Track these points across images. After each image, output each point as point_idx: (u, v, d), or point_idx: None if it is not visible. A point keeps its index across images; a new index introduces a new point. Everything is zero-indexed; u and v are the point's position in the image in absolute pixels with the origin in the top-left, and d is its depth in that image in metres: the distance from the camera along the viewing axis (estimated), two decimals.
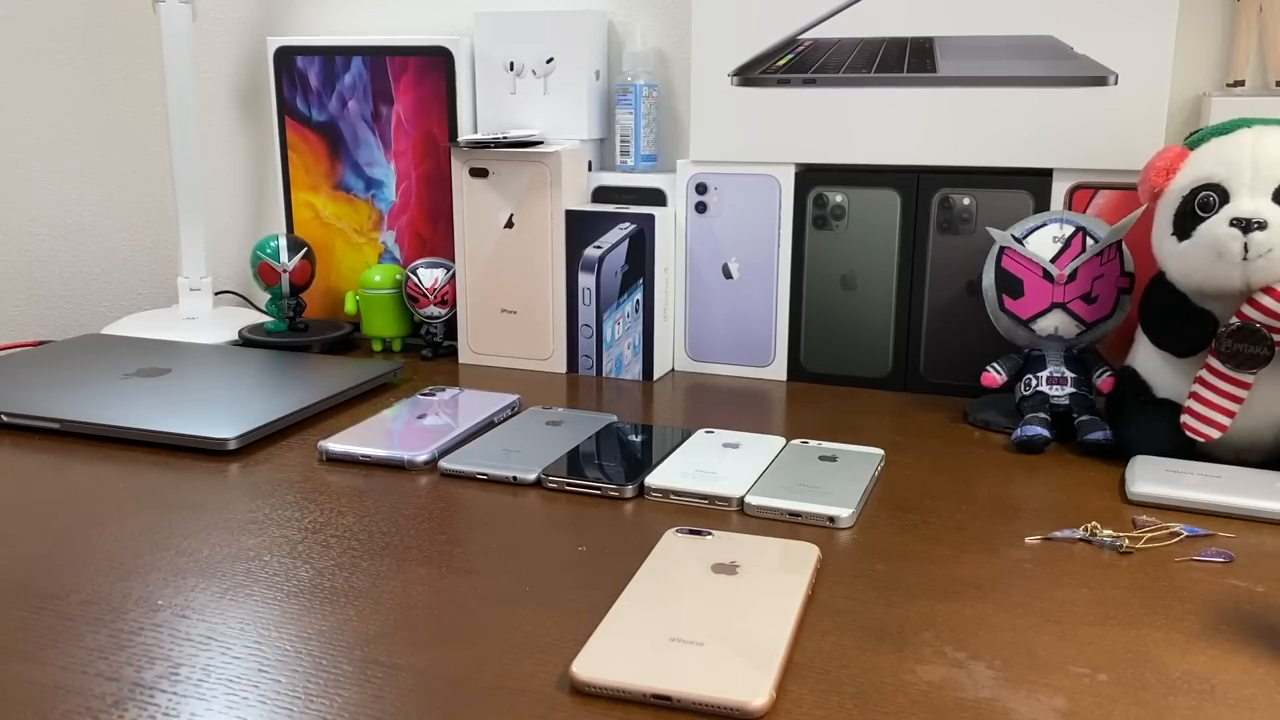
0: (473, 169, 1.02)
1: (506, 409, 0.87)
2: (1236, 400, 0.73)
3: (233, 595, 0.57)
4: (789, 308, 0.99)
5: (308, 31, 1.22)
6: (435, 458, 0.77)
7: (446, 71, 1.09)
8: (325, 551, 0.62)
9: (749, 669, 0.48)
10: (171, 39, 1.11)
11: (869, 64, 0.94)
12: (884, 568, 0.61)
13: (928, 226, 0.94)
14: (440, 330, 1.08)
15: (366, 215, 1.16)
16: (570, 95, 1.06)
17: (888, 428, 0.86)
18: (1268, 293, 0.70)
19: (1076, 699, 0.47)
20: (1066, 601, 0.57)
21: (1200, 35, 0.93)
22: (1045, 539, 0.64)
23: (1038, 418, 0.81)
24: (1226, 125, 0.75)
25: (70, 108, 1.26)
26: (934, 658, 0.51)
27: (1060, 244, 0.83)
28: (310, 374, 0.94)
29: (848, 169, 0.96)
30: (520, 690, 0.48)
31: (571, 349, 1.02)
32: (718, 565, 0.58)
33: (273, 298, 1.10)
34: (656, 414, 0.90)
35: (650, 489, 0.71)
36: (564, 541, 0.64)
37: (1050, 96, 0.90)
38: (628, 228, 0.98)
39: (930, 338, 0.96)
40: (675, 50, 1.08)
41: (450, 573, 0.60)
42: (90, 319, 1.30)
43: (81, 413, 0.83)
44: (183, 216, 1.15)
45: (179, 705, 0.47)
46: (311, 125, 1.15)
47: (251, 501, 0.70)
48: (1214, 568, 0.61)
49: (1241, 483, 0.70)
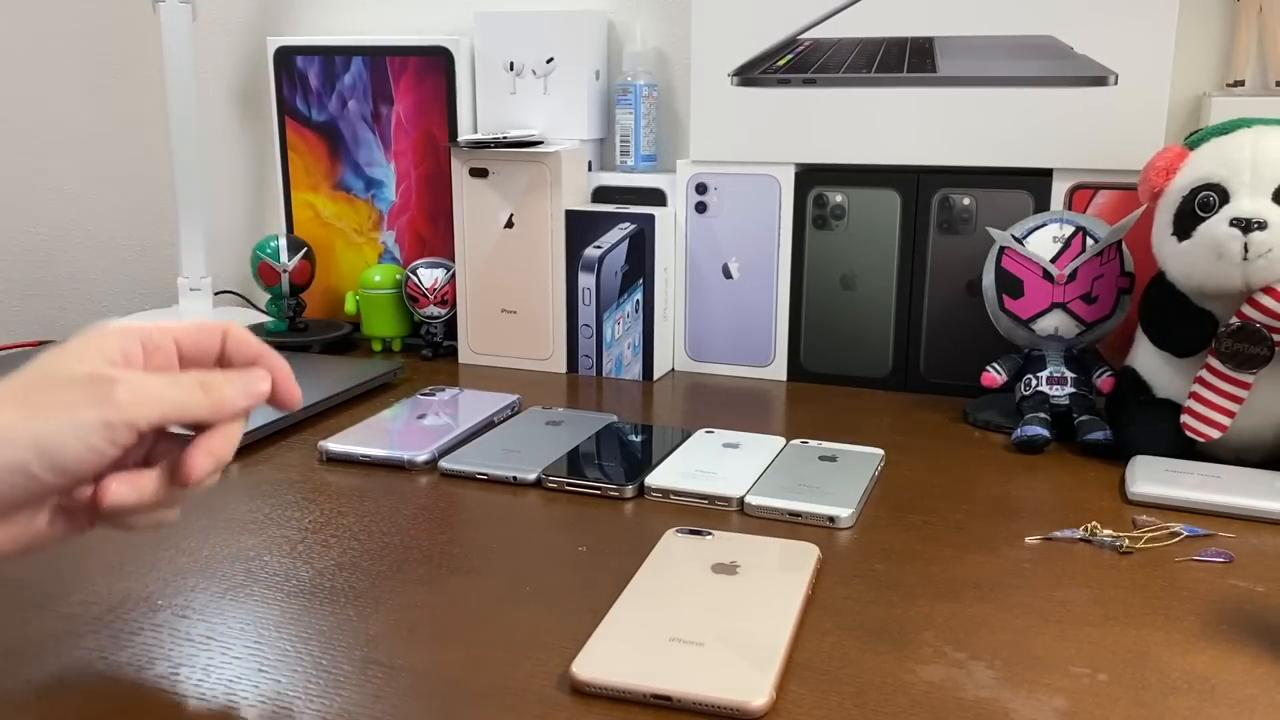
0: (473, 169, 1.02)
1: (506, 409, 0.87)
2: (1236, 400, 0.73)
3: (233, 595, 0.57)
4: (789, 308, 0.99)
5: (308, 31, 1.22)
6: (435, 458, 0.77)
7: (446, 71, 1.09)
8: (325, 551, 0.62)
9: (749, 669, 0.48)
10: (171, 39, 1.11)
11: (869, 64, 0.94)
12: (884, 568, 0.61)
13: (928, 226, 0.94)
14: (440, 330, 1.08)
15: (366, 215, 1.16)
16: (570, 95, 1.06)
17: (888, 428, 0.86)
18: (1268, 293, 0.70)
19: (1076, 699, 0.47)
20: (1066, 601, 0.57)
21: (1200, 35, 0.93)
22: (1045, 539, 0.64)
23: (1038, 418, 0.81)
24: (1226, 125, 0.75)
25: (70, 108, 1.26)
26: (934, 658, 0.51)
27: (1060, 244, 0.82)
28: (310, 374, 0.94)
29: (848, 169, 0.96)
30: (520, 690, 0.48)
31: (571, 349, 1.02)
32: (718, 565, 0.58)
33: (273, 298, 1.10)
34: (656, 414, 0.90)
35: (650, 489, 0.71)
36: (564, 541, 0.64)
37: (1050, 96, 0.90)
38: (628, 228, 0.98)
39: (930, 338, 0.96)
40: (675, 50, 1.08)
41: (450, 573, 0.60)
42: (90, 319, 1.30)
43: None
44: (183, 216, 1.15)
45: (179, 705, 0.47)
46: (311, 125, 1.15)
47: (251, 501, 0.70)
48: (1214, 568, 0.61)
49: (1241, 483, 0.70)
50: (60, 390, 0.45)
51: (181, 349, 0.51)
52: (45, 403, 0.45)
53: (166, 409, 0.47)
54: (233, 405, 0.49)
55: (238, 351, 0.51)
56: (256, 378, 0.51)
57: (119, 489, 0.47)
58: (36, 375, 0.46)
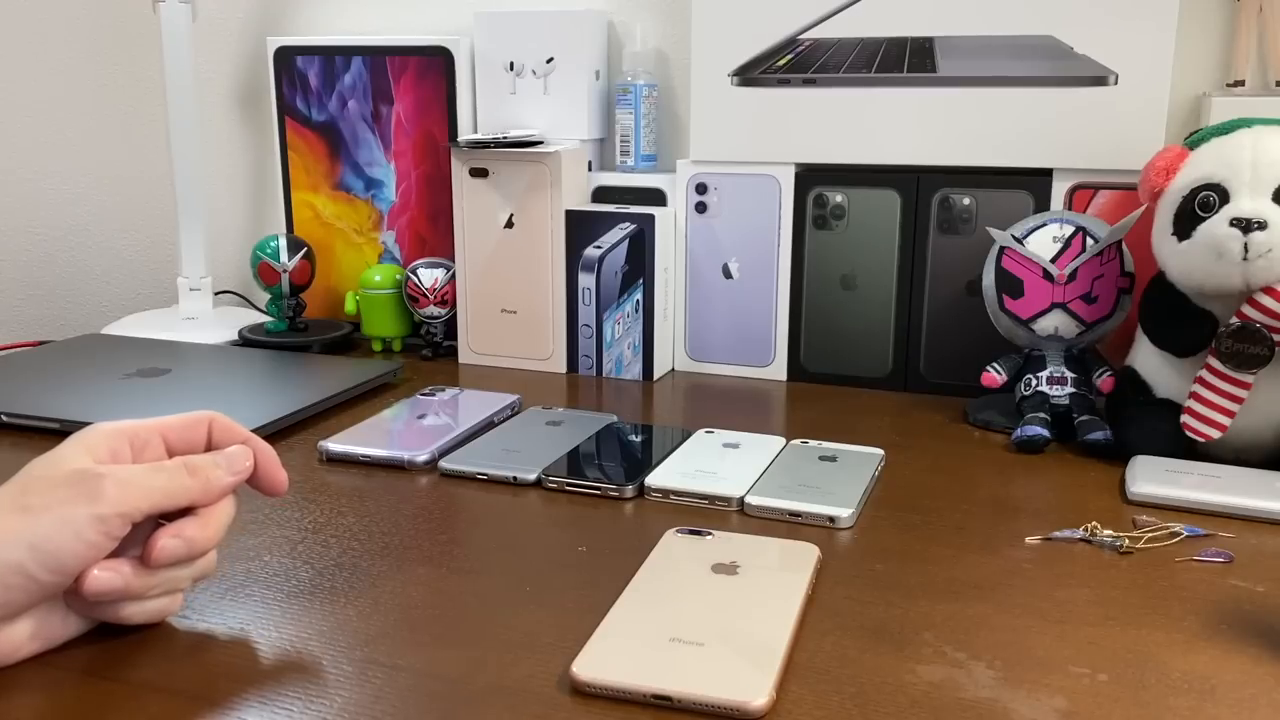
0: (473, 169, 1.02)
1: (506, 409, 0.87)
2: (1236, 400, 0.73)
3: (233, 595, 0.57)
4: (789, 308, 0.99)
5: (308, 31, 1.22)
6: (435, 458, 0.77)
7: (446, 71, 1.09)
8: (325, 551, 0.62)
9: (749, 669, 0.48)
10: (171, 39, 1.11)
11: (869, 64, 0.94)
12: (884, 568, 0.61)
13: (928, 226, 0.94)
14: (440, 330, 1.08)
15: (366, 215, 1.16)
16: (570, 95, 1.06)
17: (888, 428, 0.86)
18: (1268, 293, 0.70)
19: (1076, 699, 0.47)
20: (1066, 601, 0.57)
21: (1200, 35, 0.93)
22: (1045, 539, 0.64)
23: (1038, 418, 0.81)
24: (1226, 125, 0.75)
25: (70, 107, 1.26)
26: (934, 658, 0.51)
27: (1060, 244, 0.83)
28: (310, 374, 0.94)
29: (848, 169, 0.96)
30: (520, 690, 0.48)
31: (571, 349, 1.02)
32: (718, 565, 0.58)
33: (273, 298, 1.10)
34: (656, 414, 0.90)
35: (650, 489, 0.71)
36: (564, 541, 0.64)
37: (1050, 96, 0.90)
38: (628, 228, 0.98)
39: (930, 338, 0.96)
40: (675, 50, 1.08)
41: (450, 573, 0.60)
42: (90, 319, 1.30)
43: (81, 413, 0.83)
44: (183, 216, 1.15)
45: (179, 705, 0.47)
46: (311, 125, 1.15)
47: (251, 501, 0.70)
48: (1214, 568, 0.61)
49: (1241, 483, 0.70)
50: (51, 490, 0.47)
51: (168, 442, 0.53)
52: (37, 504, 0.47)
53: (156, 496, 0.49)
54: (220, 483, 0.52)
55: (223, 440, 0.54)
56: (239, 454, 0.54)
57: (99, 574, 0.49)
58: (28, 479, 0.48)
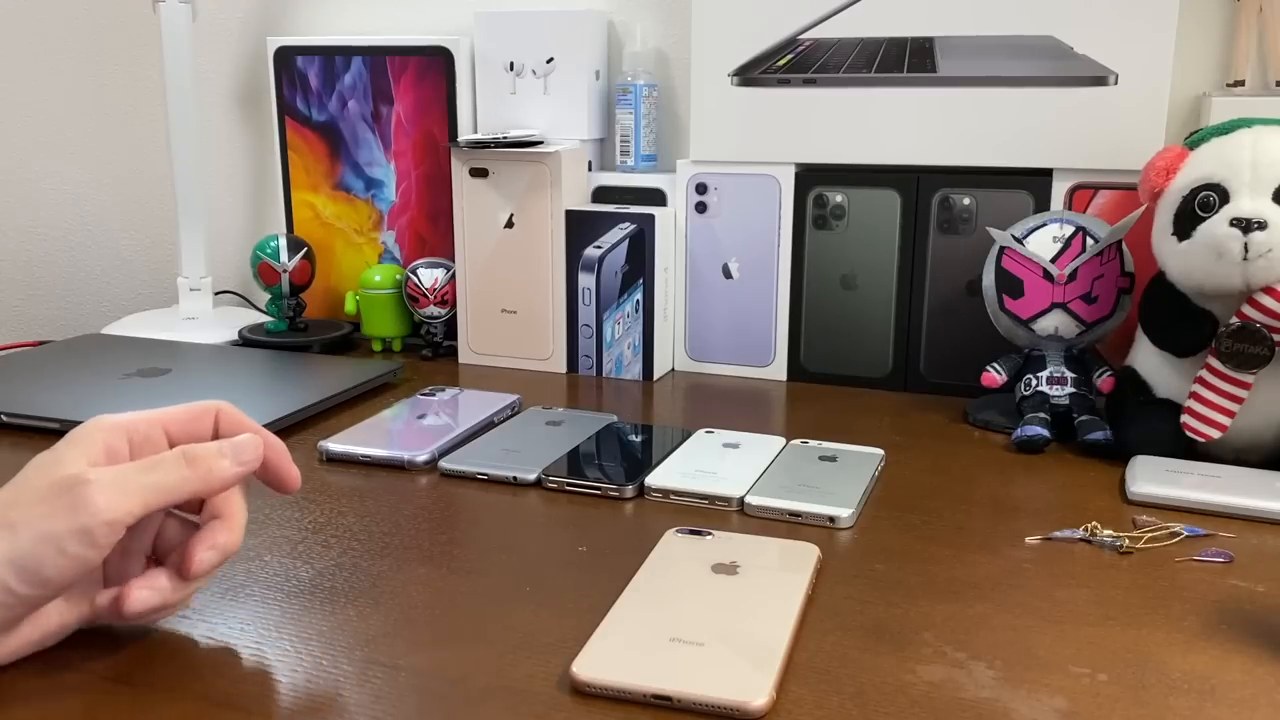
0: (473, 169, 1.02)
1: (506, 409, 0.87)
2: (1236, 400, 0.73)
3: (233, 595, 0.57)
4: (789, 308, 0.99)
5: (308, 31, 1.22)
6: (435, 458, 0.77)
7: (446, 71, 1.09)
8: (325, 551, 0.62)
9: (749, 669, 0.48)
10: (171, 39, 1.11)
11: (869, 64, 0.94)
12: (884, 568, 0.61)
13: (928, 226, 0.94)
14: (440, 330, 1.08)
15: (366, 215, 1.16)
16: (570, 95, 1.06)
17: (888, 428, 0.86)
18: (1268, 293, 0.70)
19: (1076, 699, 0.47)
20: (1066, 601, 0.57)
21: (1200, 35, 0.93)
22: (1045, 539, 0.64)
23: (1038, 418, 0.81)
24: (1226, 125, 0.75)
25: (71, 108, 1.26)
26: (934, 658, 0.51)
27: (1060, 244, 0.82)
28: (310, 374, 0.94)
29: (848, 169, 0.96)
30: (520, 690, 0.48)
31: (571, 349, 1.02)
32: (718, 565, 0.58)
33: (273, 298, 1.10)
34: (656, 414, 0.90)
35: (650, 489, 0.71)
36: (564, 541, 0.64)
37: (1050, 96, 0.90)
38: (628, 228, 0.98)
39: (930, 338, 0.96)
40: (675, 50, 1.08)
41: (450, 573, 0.60)
42: (90, 319, 1.30)
43: (81, 413, 0.82)
44: (183, 216, 1.15)
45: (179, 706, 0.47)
46: (311, 125, 1.15)
47: (251, 501, 0.69)
48: (1214, 568, 0.61)
49: (1241, 483, 0.70)
50: (33, 504, 0.45)
51: (171, 436, 0.50)
52: (19, 519, 0.44)
53: (149, 496, 0.46)
54: (223, 474, 0.48)
55: (230, 432, 0.51)
56: (248, 444, 0.50)
57: (140, 594, 0.47)
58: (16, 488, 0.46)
